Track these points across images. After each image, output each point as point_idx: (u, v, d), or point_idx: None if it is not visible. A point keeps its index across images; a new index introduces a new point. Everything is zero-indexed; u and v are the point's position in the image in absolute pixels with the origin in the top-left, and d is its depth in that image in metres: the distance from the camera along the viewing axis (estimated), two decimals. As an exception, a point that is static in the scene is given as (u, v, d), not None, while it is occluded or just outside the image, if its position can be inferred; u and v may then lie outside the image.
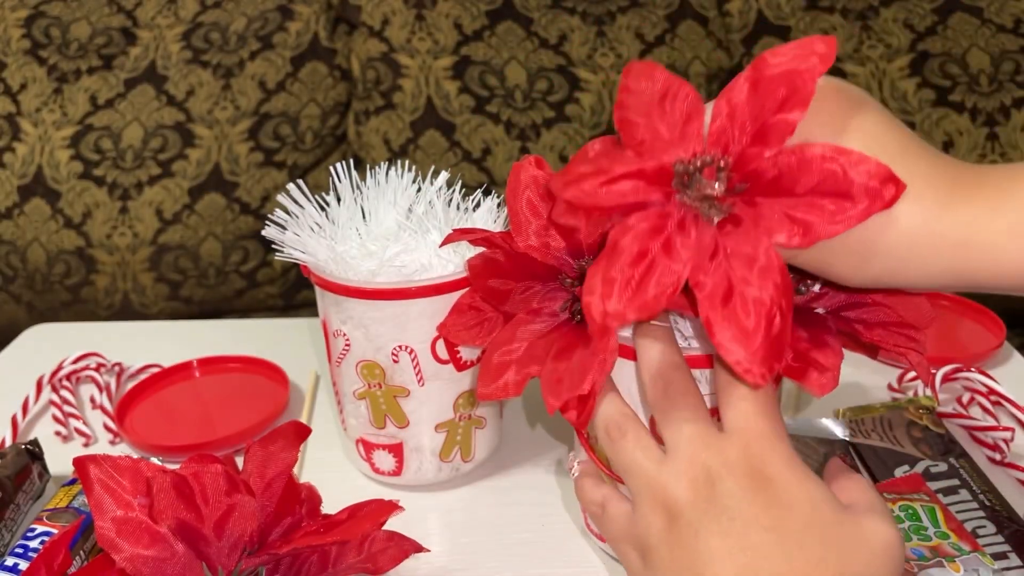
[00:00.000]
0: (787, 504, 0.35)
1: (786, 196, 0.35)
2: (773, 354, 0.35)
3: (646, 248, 0.36)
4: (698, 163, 0.36)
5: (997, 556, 0.49)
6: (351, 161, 0.61)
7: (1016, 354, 0.73)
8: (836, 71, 1.10)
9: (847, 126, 0.35)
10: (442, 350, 0.54)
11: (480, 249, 0.48)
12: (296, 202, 0.55)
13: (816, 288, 0.42)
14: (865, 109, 0.36)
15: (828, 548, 0.34)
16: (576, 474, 0.45)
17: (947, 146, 1.06)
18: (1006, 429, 0.60)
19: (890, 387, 0.69)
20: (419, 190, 0.58)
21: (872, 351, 0.43)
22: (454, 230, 0.49)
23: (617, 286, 0.36)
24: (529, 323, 0.46)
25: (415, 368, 0.54)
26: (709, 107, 0.37)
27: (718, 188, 0.36)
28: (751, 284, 0.35)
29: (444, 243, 0.50)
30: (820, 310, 0.42)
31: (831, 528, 0.35)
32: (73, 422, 0.68)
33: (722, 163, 0.36)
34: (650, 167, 0.37)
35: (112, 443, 0.67)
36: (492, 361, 0.45)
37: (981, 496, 0.54)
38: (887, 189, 0.33)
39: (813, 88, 0.34)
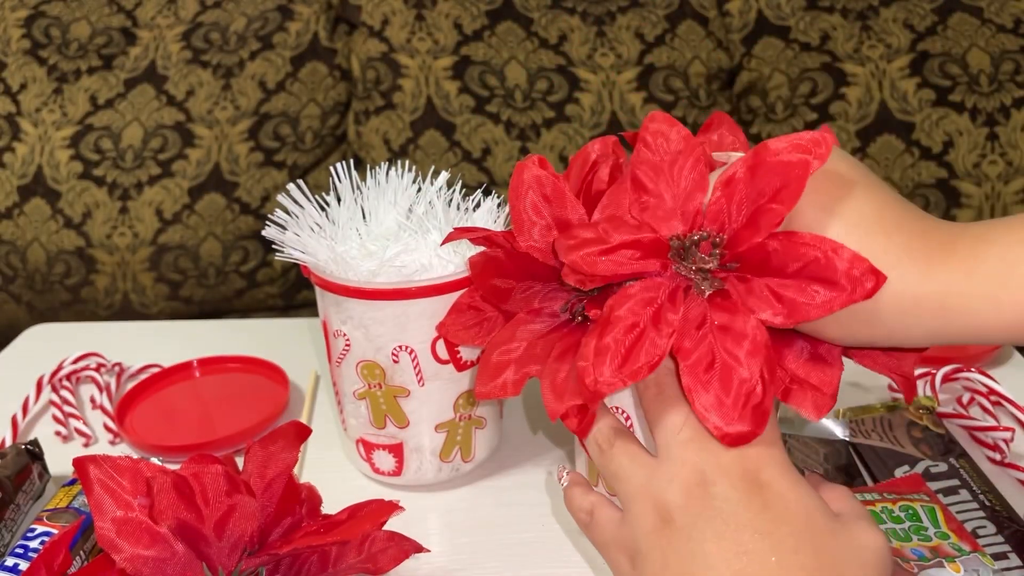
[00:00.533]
0: (781, 510, 0.35)
1: (774, 276, 0.37)
2: (754, 422, 0.36)
3: (638, 319, 0.38)
4: (695, 238, 0.38)
5: (997, 556, 0.49)
6: (351, 161, 0.61)
7: (1016, 354, 0.73)
8: (836, 71, 1.10)
9: (834, 209, 0.36)
10: (442, 350, 0.54)
11: (481, 248, 0.48)
12: (296, 202, 0.55)
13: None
14: (852, 191, 0.37)
15: (822, 555, 0.34)
16: (566, 483, 0.45)
17: (947, 146, 1.06)
18: (1006, 429, 0.60)
19: (890, 387, 0.69)
20: (419, 190, 0.58)
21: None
22: (455, 228, 0.49)
23: (609, 355, 0.37)
24: (529, 323, 0.46)
25: (415, 368, 0.54)
26: (714, 176, 0.39)
27: (712, 263, 0.38)
28: (734, 357, 0.37)
29: (445, 241, 0.50)
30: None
31: (824, 536, 0.35)
32: (73, 422, 0.68)
33: (717, 239, 0.38)
34: (648, 239, 0.39)
35: (112, 443, 0.67)
36: (491, 360, 0.45)
37: (981, 496, 0.54)
38: (867, 279, 0.34)
39: (803, 185, 0.36)
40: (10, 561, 0.48)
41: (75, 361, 0.74)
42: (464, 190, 0.59)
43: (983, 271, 0.34)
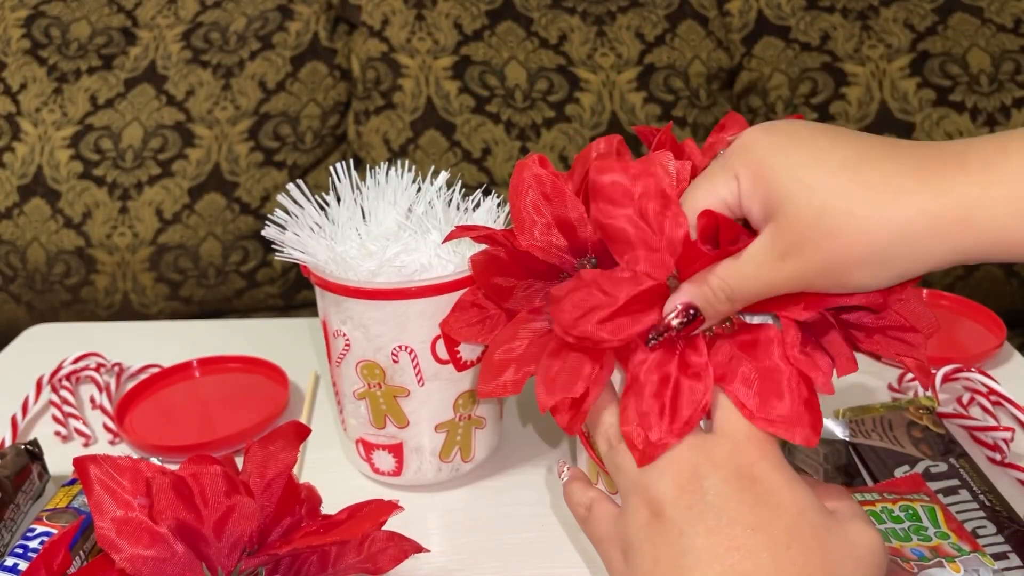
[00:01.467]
0: (774, 505, 0.35)
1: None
2: (812, 418, 0.37)
3: (666, 374, 0.38)
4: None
5: (997, 556, 0.49)
6: (351, 161, 0.61)
7: (1016, 354, 0.73)
8: (837, 71, 1.10)
9: (811, 157, 0.35)
10: (442, 350, 0.54)
11: (483, 246, 0.48)
12: (296, 202, 0.55)
13: None
14: (819, 136, 0.36)
15: (814, 552, 0.34)
16: (566, 478, 0.45)
17: (947, 146, 1.06)
18: (1006, 429, 0.60)
19: (890, 387, 0.69)
20: (419, 190, 0.58)
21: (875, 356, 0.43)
22: (457, 227, 0.49)
23: (653, 417, 0.37)
24: (531, 321, 0.46)
25: (415, 368, 0.54)
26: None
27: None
28: (773, 362, 0.37)
29: (447, 239, 0.50)
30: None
31: (818, 532, 0.35)
32: (73, 422, 0.68)
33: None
34: (647, 287, 0.38)
35: (112, 443, 0.67)
36: (493, 358, 0.45)
37: (981, 496, 0.54)
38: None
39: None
40: (10, 561, 0.48)
41: (75, 361, 0.74)
42: (464, 190, 0.59)
43: (1004, 180, 0.32)
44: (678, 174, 0.40)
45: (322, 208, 0.57)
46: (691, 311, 0.38)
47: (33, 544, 0.50)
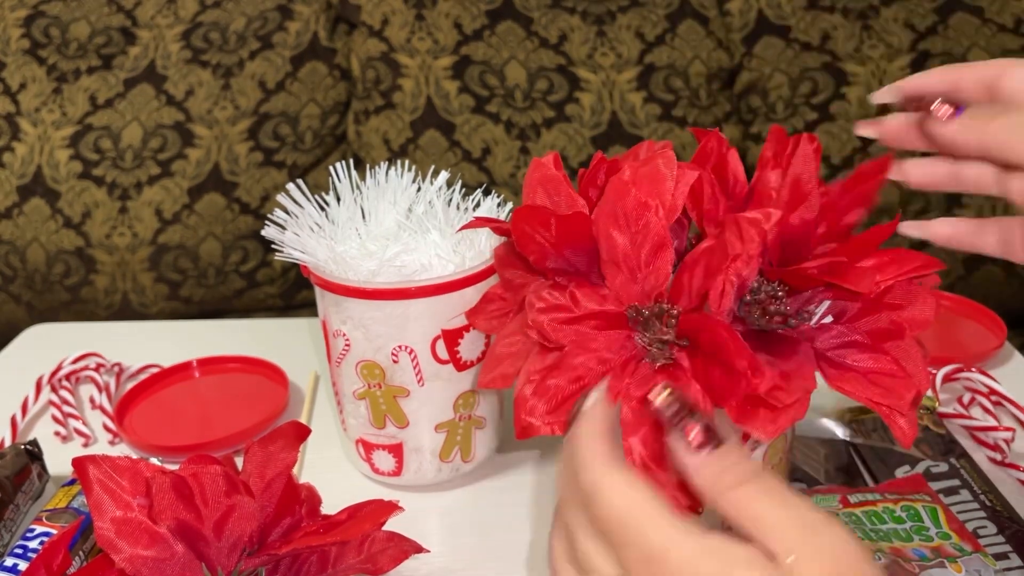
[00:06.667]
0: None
1: (708, 357, 0.38)
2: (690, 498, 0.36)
3: (585, 374, 0.39)
4: (656, 310, 0.39)
5: (998, 556, 0.49)
6: (351, 161, 0.61)
7: (1017, 354, 0.73)
8: (837, 71, 1.10)
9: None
10: (442, 350, 0.54)
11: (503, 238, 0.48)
12: (296, 202, 0.55)
13: (812, 323, 0.41)
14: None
15: None
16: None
17: (947, 146, 1.06)
18: (1007, 429, 0.60)
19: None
20: (419, 190, 0.58)
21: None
22: (476, 218, 0.49)
23: (546, 398, 0.39)
24: None
25: (415, 368, 0.54)
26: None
27: (670, 335, 0.39)
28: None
29: (464, 228, 0.50)
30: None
31: None
32: (72, 422, 0.68)
33: (674, 312, 0.39)
34: (611, 311, 0.40)
35: (111, 443, 0.66)
36: (496, 351, 0.46)
37: (982, 496, 0.54)
38: (756, 377, 0.36)
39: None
40: (9, 561, 0.48)
41: (75, 361, 0.74)
42: (464, 190, 0.59)
43: None
44: (677, 188, 0.40)
45: (322, 208, 0.57)
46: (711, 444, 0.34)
47: (33, 544, 0.50)
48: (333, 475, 0.61)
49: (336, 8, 1.18)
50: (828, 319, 0.41)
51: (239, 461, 0.46)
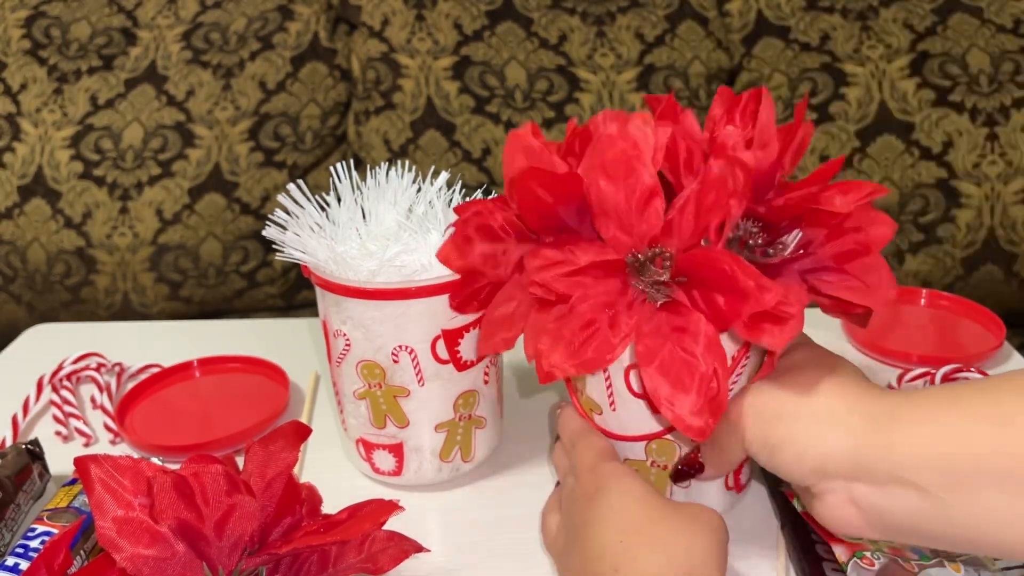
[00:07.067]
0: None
1: (709, 289, 0.42)
2: (712, 414, 0.41)
3: (596, 318, 0.44)
4: (650, 254, 0.44)
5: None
6: (351, 161, 0.61)
7: (1016, 354, 0.73)
8: (836, 71, 1.10)
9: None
10: (442, 350, 0.54)
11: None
12: (296, 202, 0.55)
13: (786, 253, 0.44)
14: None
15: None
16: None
17: (947, 146, 1.06)
18: (1006, 429, 0.60)
19: (890, 387, 0.69)
20: (419, 190, 0.58)
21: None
22: (450, 224, 0.51)
23: (563, 343, 0.44)
24: (521, 282, 0.48)
25: (415, 368, 0.54)
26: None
27: (665, 275, 0.43)
28: (692, 354, 0.42)
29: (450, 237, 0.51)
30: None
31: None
32: (73, 422, 0.68)
33: (668, 255, 0.43)
34: (609, 259, 0.44)
35: (112, 443, 0.67)
36: (491, 318, 0.49)
37: (981, 496, 0.54)
38: (766, 293, 0.40)
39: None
40: (10, 561, 0.48)
41: (75, 361, 0.74)
42: (464, 190, 0.59)
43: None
44: (656, 141, 0.44)
45: (322, 208, 0.57)
46: (700, 465, 0.48)
47: (34, 544, 0.50)
48: (333, 475, 0.61)
49: (336, 9, 1.18)
50: (800, 252, 0.45)
51: (240, 461, 0.46)
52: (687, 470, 0.49)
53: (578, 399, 0.51)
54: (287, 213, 0.55)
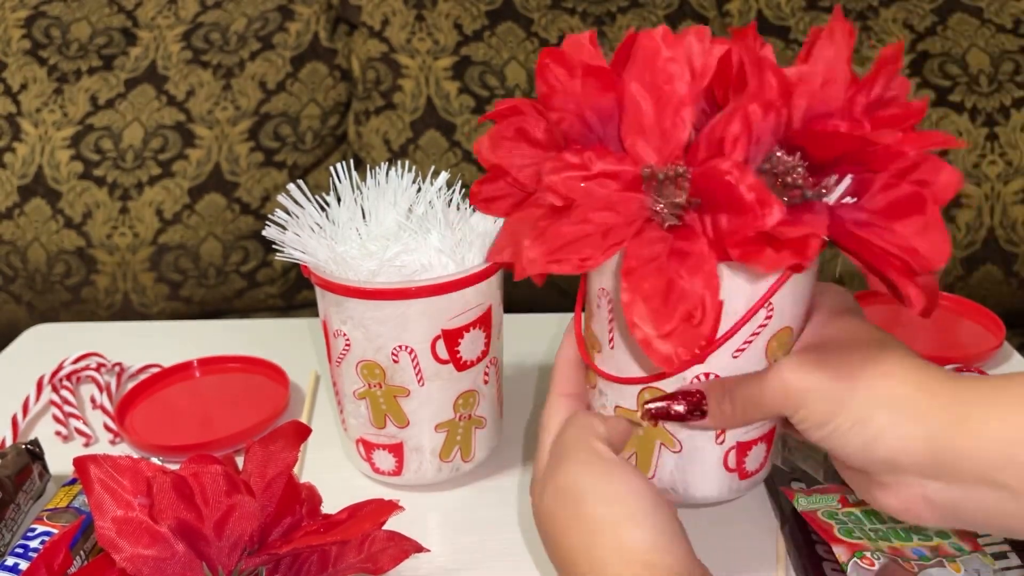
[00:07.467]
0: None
1: (716, 209, 0.38)
2: (684, 341, 0.36)
3: (592, 223, 0.39)
4: (670, 173, 0.39)
5: (997, 556, 0.49)
6: (351, 161, 0.61)
7: (1016, 354, 0.73)
8: (836, 71, 1.10)
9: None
10: (442, 350, 0.54)
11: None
12: (296, 202, 0.56)
13: (831, 199, 0.39)
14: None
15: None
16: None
17: (947, 146, 1.06)
18: (1006, 429, 0.60)
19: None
20: (419, 190, 0.58)
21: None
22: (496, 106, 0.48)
23: (546, 242, 0.39)
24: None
25: (415, 368, 0.54)
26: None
27: (682, 197, 0.39)
28: (679, 274, 0.37)
29: (483, 118, 0.49)
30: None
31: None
32: (73, 422, 0.68)
33: (686, 174, 0.39)
34: (628, 172, 0.40)
35: (112, 443, 0.67)
36: (505, 227, 0.46)
37: (981, 496, 0.54)
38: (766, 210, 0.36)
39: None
40: (10, 561, 0.48)
41: (75, 361, 0.74)
42: (464, 190, 0.59)
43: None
44: (706, 56, 0.40)
45: (322, 208, 0.57)
46: (701, 409, 0.42)
47: (34, 544, 0.50)
48: (333, 475, 0.61)
49: (336, 9, 1.18)
50: (848, 200, 0.39)
51: (240, 461, 0.46)
52: (672, 408, 0.43)
53: (583, 335, 0.48)
54: (287, 213, 0.55)
